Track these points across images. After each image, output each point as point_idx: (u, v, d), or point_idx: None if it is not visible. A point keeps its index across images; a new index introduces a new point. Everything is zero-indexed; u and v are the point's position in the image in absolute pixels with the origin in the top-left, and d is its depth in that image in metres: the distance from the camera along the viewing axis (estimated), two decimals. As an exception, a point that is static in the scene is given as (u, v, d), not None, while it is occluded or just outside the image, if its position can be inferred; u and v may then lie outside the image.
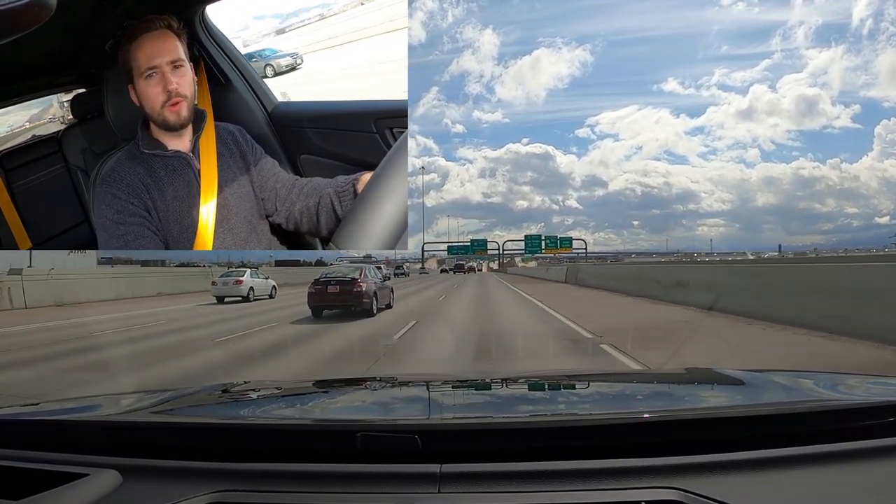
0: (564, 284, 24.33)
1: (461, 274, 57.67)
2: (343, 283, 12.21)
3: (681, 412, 1.25)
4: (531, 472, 0.93)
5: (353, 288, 12.09)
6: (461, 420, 1.30)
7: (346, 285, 12.15)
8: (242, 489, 0.95)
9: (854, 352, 5.81)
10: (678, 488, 0.88)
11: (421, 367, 6.13)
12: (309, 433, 1.11)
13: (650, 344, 6.74)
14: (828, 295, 7.23)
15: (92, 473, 1.00)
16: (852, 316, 6.49)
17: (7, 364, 6.65)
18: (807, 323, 7.14)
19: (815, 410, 1.12)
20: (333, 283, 12.34)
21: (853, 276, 7.50)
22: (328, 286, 12.31)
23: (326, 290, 12.26)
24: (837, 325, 6.59)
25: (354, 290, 12.07)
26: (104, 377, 5.86)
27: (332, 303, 12.18)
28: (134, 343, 8.47)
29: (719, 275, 12.14)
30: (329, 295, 12.19)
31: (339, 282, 12.30)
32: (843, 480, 0.91)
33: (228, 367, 6.39)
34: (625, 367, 5.54)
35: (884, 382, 1.55)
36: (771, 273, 10.75)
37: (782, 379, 1.51)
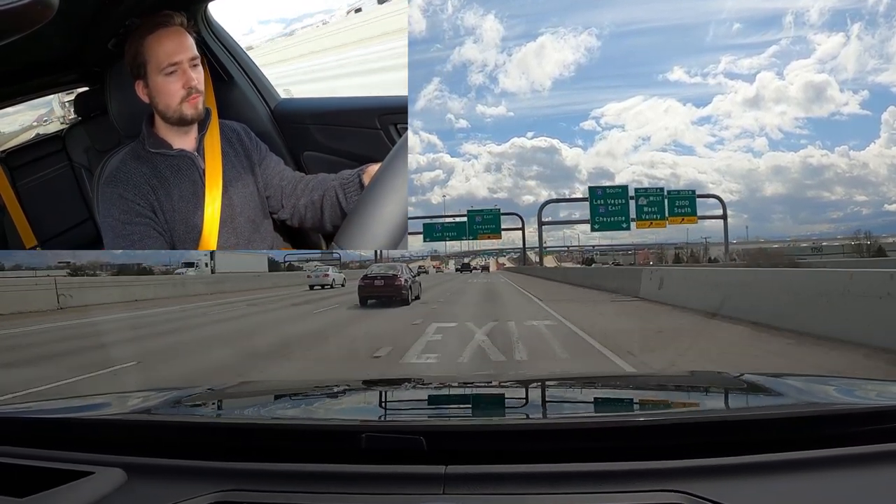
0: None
1: (467, 273, 57.82)
2: (386, 279, 15.77)
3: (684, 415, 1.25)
4: (535, 474, 0.94)
5: (395, 282, 15.66)
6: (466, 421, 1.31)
7: (389, 280, 15.72)
8: (247, 488, 0.95)
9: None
10: (682, 491, 0.88)
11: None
12: (314, 433, 1.11)
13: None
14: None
15: (97, 471, 1.00)
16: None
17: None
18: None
19: (820, 414, 1.12)
20: (379, 278, 15.90)
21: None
22: (375, 281, 15.91)
23: (374, 283, 15.86)
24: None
25: (395, 284, 15.62)
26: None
27: (377, 294, 15.64)
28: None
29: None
30: (376, 288, 15.74)
31: (383, 277, 15.89)
32: (848, 485, 0.91)
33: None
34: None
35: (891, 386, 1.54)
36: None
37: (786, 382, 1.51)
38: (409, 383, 1.83)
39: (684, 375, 2.02)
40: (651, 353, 6.80)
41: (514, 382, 1.85)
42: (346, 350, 8.13)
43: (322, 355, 7.70)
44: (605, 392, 1.75)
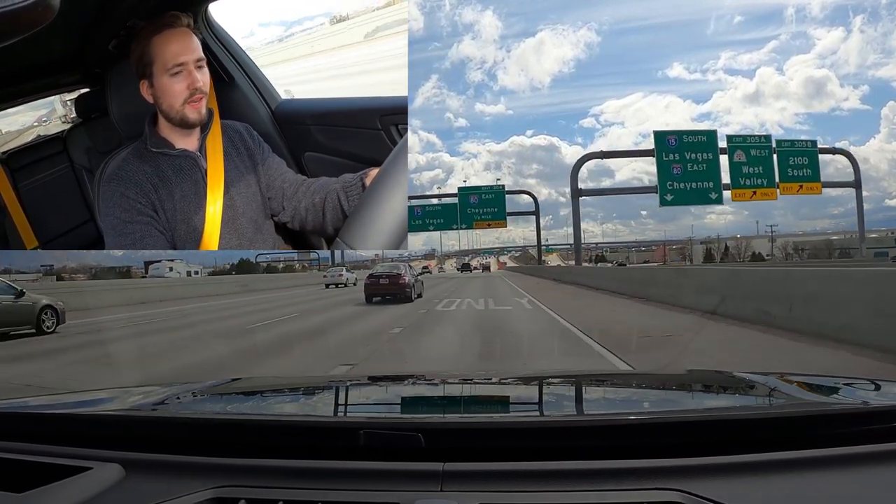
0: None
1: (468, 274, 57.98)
2: (391, 278, 16.64)
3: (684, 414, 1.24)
4: (534, 471, 0.93)
5: (399, 281, 16.49)
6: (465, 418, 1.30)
7: (394, 279, 16.56)
8: (245, 484, 0.95)
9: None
10: (681, 490, 0.87)
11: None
12: (312, 429, 1.11)
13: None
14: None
15: (95, 467, 1.00)
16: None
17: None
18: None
19: (820, 414, 1.11)
20: (384, 277, 16.81)
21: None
22: (380, 279, 16.78)
23: (379, 282, 16.71)
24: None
25: (400, 283, 16.46)
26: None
27: (382, 292, 16.44)
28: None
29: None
30: (381, 286, 16.57)
31: (388, 276, 16.77)
32: (849, 484, 0.90)
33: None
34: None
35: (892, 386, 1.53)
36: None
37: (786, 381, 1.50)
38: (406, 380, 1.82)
39: (683, 374, 2.01)
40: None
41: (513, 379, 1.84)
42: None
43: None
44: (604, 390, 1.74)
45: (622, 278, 19.03)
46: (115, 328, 12.05)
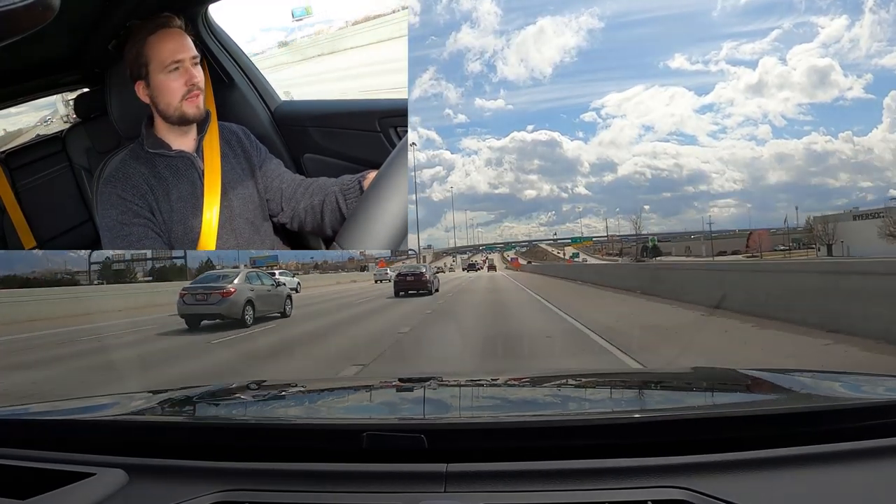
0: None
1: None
2: (415, 275, 21.46)
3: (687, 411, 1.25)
4: (538, 471, 0.94)
5: (422, 278, 21.19)
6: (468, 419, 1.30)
7: (417, 276, 21.34)
8: (249, 488, 0.95)
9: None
10: (685, 488, 0.88)
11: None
12: (315, 432, 1.11)
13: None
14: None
15: (98, 473, 1.00)
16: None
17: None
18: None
19: (823, 410, 1.12)
20: (410, 275, 21.60)
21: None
22: (407, 277, 21.53)
23: (406, 279, 21.38)
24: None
25: (422, 279, 21.12)
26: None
27: (409, 287, 21.02)
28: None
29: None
30: (408, 282, 21.20)
31: (413, 274, 21.67)
32: (854, 480, 0.91)
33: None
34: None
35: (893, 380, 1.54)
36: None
37: (791, 378, 1.51)
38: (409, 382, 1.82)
39: (688, 372, 2.01)
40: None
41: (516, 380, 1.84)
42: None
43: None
44: (608, 389, 1.74)
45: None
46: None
